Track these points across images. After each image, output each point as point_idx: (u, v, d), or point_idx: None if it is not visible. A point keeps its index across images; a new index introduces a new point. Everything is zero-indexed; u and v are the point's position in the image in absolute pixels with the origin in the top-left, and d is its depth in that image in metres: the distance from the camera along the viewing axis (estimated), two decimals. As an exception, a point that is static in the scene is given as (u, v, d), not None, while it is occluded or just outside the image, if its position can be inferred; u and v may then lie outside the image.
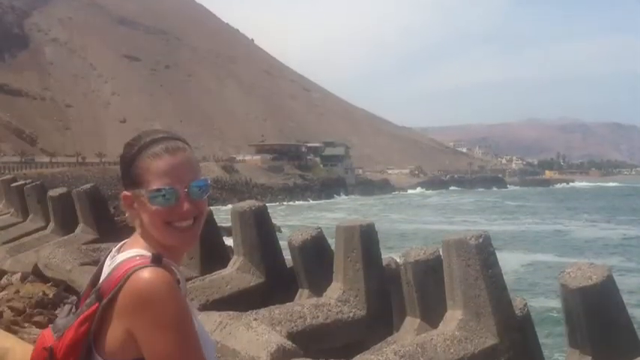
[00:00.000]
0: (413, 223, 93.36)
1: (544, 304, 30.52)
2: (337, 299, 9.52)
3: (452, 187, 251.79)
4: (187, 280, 6.58)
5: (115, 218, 21.88)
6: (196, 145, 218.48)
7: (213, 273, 11.26)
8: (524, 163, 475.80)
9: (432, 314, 8.75)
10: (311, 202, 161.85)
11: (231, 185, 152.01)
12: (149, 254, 2.66)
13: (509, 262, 40.92)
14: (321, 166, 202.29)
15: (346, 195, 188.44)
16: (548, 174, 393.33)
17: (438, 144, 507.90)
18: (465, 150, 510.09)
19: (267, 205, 12.15)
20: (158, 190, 2.69)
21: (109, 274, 2.66)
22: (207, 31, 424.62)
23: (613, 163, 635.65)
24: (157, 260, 2.61)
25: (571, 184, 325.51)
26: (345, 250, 9.70)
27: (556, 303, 24.66)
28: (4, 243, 18.30)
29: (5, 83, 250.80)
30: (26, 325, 11.13)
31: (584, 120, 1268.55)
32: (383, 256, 10.32)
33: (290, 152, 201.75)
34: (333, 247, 10.29)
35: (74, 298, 11.49)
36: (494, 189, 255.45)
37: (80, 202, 16.93)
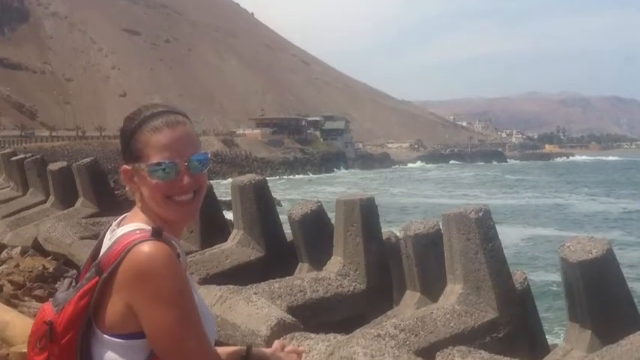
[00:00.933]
0: (413, 196, 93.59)
1: (544, 277, 30.62)
2: (337, 273, 9.52)
3: (452, 161, 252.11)
4: (187, 253, 6.59)
5: (115, 192, 21.87)
6: (196, 119, 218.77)
7: (213, 247, 11.25)
8: (525, 137, 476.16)
9: (432, 288, 8.74)
10: (311, 175, 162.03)
11: (231, 159, 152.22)
12: (149, 228, 2.66)
13: (509, 235, 40.97)
14: (321, 140, 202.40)
15: (346, 169, 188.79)
16: (548, 148, 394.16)
17: (438, 118, 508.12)
18: (465, 124, 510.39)
19: (267, 178, 12.14)
20: (158, 163, 2.68)
21: (109, 247, 2.66)
22: (207, 4, 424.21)
23: (613, 137, 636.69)
24: (157, 234, 2.61)
25: (571, 158, 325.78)
26: (345, 224, 9.70)
27: (556, 277, 24.75)
28: (4, 217, 18.29)
29: (5, 57, 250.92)
30: (26, 299, 11.15)
31: (585, 94, 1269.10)
32: (383, 230, 10.30)
33: (290, 126, 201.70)
34: (333, 220, 10.28)
35: (74, 272, 11.51)
36: (494, 163, 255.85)
37: (80, 175, 16.91)
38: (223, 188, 39.57)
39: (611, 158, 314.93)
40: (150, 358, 2.62)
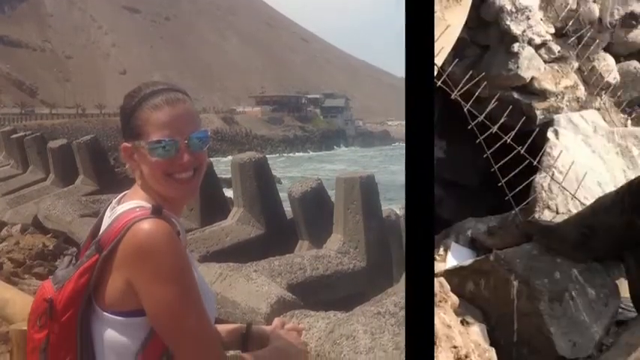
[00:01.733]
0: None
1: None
2: (337, 251, 9.53)
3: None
4: (187, 231, 6.59)
5: (116, 170, 21.87)
6: (196, 96, 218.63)
7: (213, 224, 11.27)
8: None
9: (432, 266, 8.73)
10: (311, 153, 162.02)
11: (231, 137, 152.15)
12: (149, 206, 2.65)
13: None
14: (321, 117, 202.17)
15: (346, 146, 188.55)
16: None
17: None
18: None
19: (267, 156, 12.14)
20: (158, 141, 2.67)
21: (109, 225, 2.65)
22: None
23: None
24: (157, 212, 2.60)
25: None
26: (345, 202, 9.70)
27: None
28: (4, 195, 18.32)
29: (5, 35, 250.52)
30: (26, 276, 11.18)
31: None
32: (383, 208, 10.31)
33: (290, 104, 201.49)
34: (333, 198, 10.28)
35: (74, 249, 11.51)
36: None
37: (80, 153, 16.93)
38: (223, 166, 39.50)
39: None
40: (150, 336, 2.62)
